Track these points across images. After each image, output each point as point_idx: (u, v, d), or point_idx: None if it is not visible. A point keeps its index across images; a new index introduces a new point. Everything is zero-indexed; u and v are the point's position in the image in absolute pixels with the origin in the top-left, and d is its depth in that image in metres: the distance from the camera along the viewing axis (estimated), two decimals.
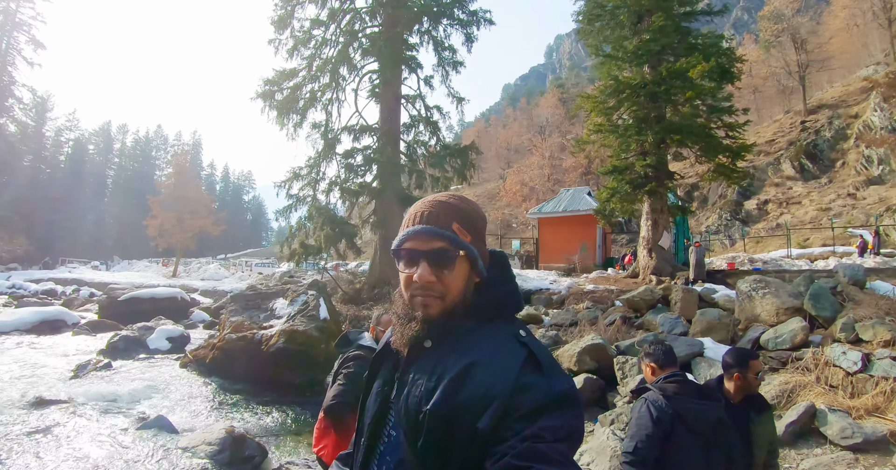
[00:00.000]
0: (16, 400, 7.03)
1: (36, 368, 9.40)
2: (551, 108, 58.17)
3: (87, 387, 7.91)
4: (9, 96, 46.76)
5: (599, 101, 14.24)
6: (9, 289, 30.99)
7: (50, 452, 5.04)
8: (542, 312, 11.57)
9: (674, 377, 2.47)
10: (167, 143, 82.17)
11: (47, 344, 12.35)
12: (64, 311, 16.75)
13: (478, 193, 62.13)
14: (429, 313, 1.02)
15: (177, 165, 47.48)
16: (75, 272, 41.13)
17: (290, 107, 18.83)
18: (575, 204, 22.08)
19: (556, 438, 0.87)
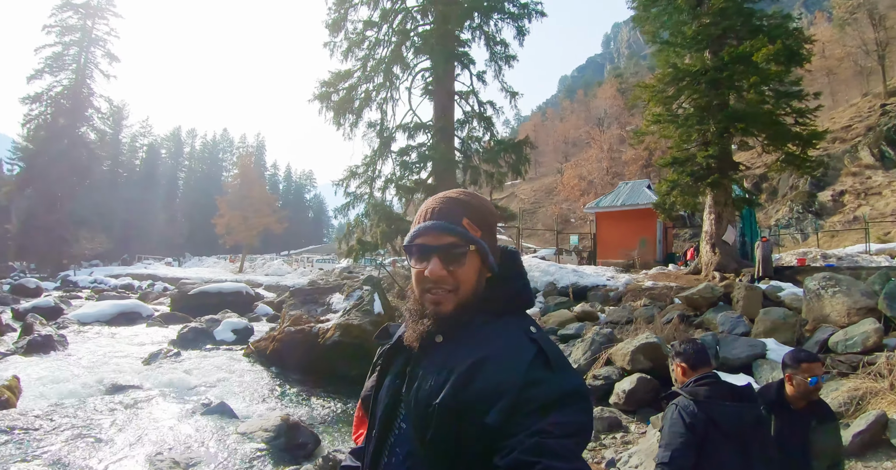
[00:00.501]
0: (95, 385, 7.62)
1: (113, 357, 10.12)
2: (609, 100, 56.55)
3: (157, 374, 8.45)
4: (88, 107, 50.09)
5: (658, 91, 13.72)
6: (91, 283, 33.45)
7: (123, 433, 5.44)
8: (598, 309, 11.34)
9: (705, 379, 2.35)
10: (233, 146, 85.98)
11: (124, 334, 13.23)
12: (139, 304, 17.84)
13: (535, 188, 61.46)
14: (440, 309, 1.03)
15: (242, 166, 49.49)
16: (150, 268, 43.70)
17: (345, 107, 19.23)
18: (634, 198, 21.46)
19: (564, 434, 0.87)
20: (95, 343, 11.74)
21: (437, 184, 18.10)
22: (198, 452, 4.87)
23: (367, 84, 19.33)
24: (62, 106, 48.28)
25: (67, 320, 14.71)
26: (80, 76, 48.81)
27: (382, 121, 19.58)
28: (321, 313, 11.10)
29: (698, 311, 9.50)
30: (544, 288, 14.12)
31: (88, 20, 49.24)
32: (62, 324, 14.04)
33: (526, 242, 43.56)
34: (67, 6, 48.73)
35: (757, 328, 7.92)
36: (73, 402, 6.58)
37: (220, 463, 4.61)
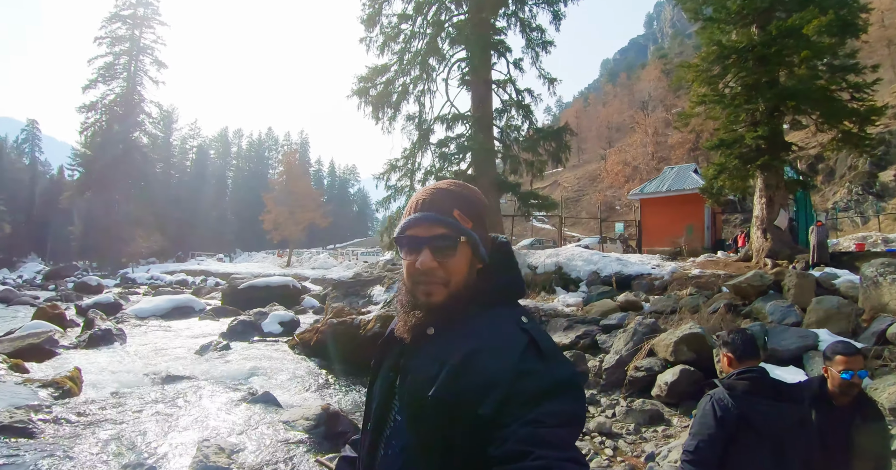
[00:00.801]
0: (150, 375, 8.00)
1: (167, 349, 10.58)
2: (654, 82, 54.91)
3: (207, 365, 8.82)
4: (140, 113, 52.92)
5: (702, 70, 13.15)
6: (148, 280, 35.07)
7: (173, 420, 5.71)
8: (643, 299, 11.04)
9: (748, 373, 2.22)
10: (277, 144, 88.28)
11: (178, 327, 13.81)
12: (192, 298, 18.57)
13: (578, 176, 60.45)
14: (432, 300, 1.03)
15: (286, 164, 50.69)
16: (203, 264, 45.46)
17: (384, 101, 19.36)
18: (680, 183, 20.80)
19: (557, 424, 0.87)
20: (151, 336, 12.30)
21: (476, 174, 18.03)
22: (242, 439, 5.05)
23: (403, 77, 19.40)
24: (116, 113, 50.88)
25: (126, 315, 15.41)
26: (130, 84, 51.46)
27: (420, 113, 19.65)
28: (363, 305, 11.27)
29: (747, 300, 9.05)
30: (587, 277, 13.89)
31: (136, 30, 51.87)
32: (121, 318, 14.73)
33: (570, 231, 43.02)
34: (116, 18, 51.45)
35: (809, 318, 7.49)
36: (129, 391, 6.93)
37: (262, 450, 4.76)
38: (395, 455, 1.02)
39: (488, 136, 18.41)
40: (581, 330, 9.19)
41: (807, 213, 14.95)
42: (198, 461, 4.24)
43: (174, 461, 4.59)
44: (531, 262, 15.80)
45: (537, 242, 30.78)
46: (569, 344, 8.78)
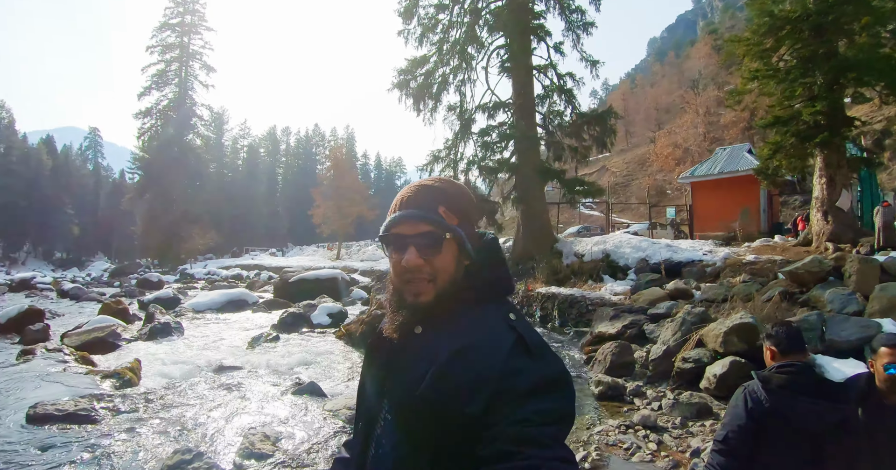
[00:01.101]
0: (204, 366, 8.34)
1: (221, 340, 10.98)
2: (704, 59, 52.53)
3: (258, 356, 9.09)
4: (192, 116, 55.23)
5: (753, 44, 12.47)
6: (205, 275, 36.54)
7: (223, 408, 5.96)
8: (693, 287, 10.68)
9: (789, 367, 2.10)
10: (324, 140, 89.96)
11: (232, 320, 14.30)
12: (245, 292, 19.17)
13: (627, 160, 58.88)
14: (419, 299, 1.01)
15: (333, 159, 51.59)
16: (256, 259, 46.94)
17: (424, 93, 19.40)
18: (732, 164, 19.93)
19: (545, 422, 0.86)
20: (207, 329, 12.79)
21: (519, 162, 17.86)
22: (287, 427, 5.22)
23: (443, 68, 19.36)
24: (170, 117, 53.35)
25: (183, 309, 16.07)
26: (182, 89, 53.77)
27: (461, 103, 19.58)
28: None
29: (804, 287, 8.53)
30: (635, 265, 13.57)
31: (185, 37, 54.05)
32: (179, 312, 15.36)
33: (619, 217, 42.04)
34: (165, 26, 53.71)
35: (872, 306, 7.02)
36: (184, 381, 7.26)
37: (306, 438, 4.90)
38: (385, 454, 1.01)
39: (530, 123, 18.17)
40: (628, 319, 8.98)
41: (872, 193, 14.06)
42: (244, 448, 4.41)
43: (222, 447, 4.80)
44: (577, 250, 15.55)
45: (584, 230, 30.25)
46: (615, 334, 8.59)
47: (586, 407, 5.89)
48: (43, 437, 5.03)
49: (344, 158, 53.24)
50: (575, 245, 16.13)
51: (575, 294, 12.37)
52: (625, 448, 4.59)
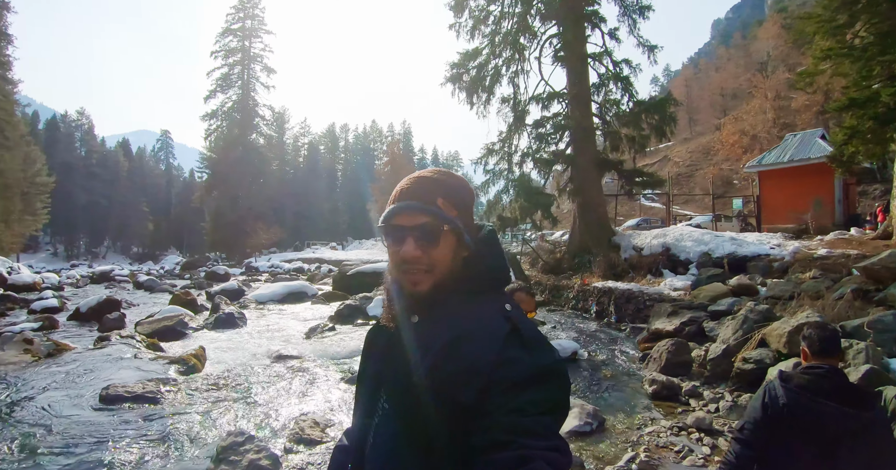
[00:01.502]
0: (263, 354, 8.73)
1: (281, 331, 11.41)
2: (773, 39, 49.12)
3: (314, 346, 9.41)
4: (255, 116, 57.64)
5: (825, 20, 11.56)
6: (269, 268, 37.97)
7: (278, 395, 6.25)
8: (758, 283, 10.11)
9: (815, 369, 2.11)
10: (382, 135, 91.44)
11: (291, 311, 14.81)
12: (305, 284, 19.75)
13: (690, 149, 56.46)
14: (417, 289, 1.02)
15: (390, 154, 52.44)
16: (318, 252, 48.32)
17: (477, 86, 19.26)
18: (803, 151, 18.70)
19: (539, 412, 0.87)
20: (268, 319, 13.31)
21: (575, 153, 17.48)
22: (336, 414, 5.39)
23: (495, 60, 19.15)
24: (234, 118, 56.06)
25: (247, 300, 16.79)
26: (245, 91, 56.28)
27: (515, 95, 19.34)
28: None
29: (881, 284, 7.76)
30: (697, 259, 13.00)
31: (246, 41, 56.62)
32: (243, 303, 16.04)
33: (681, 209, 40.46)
34: (227, 32, 56.46)
35: None
36: (244, 368, 7.62)
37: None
38: (383, 443, 1.02)
39: (586, 113, 17.71)
40: (686, 316, 8.62)
41: None
42: (294, 433, 4.61)
43: (274, 432, 5.02)
44: (636, 243, 15.07)
45: (644, 222, 29.30)
46: (672, 331, 8.27)
47: (638, 406, 5.70)
48: (113, 415, 5.49)
49: (401, 153, 53.95)
50: (633, 238, 15.64)
51: (632, 289, 12.01)
52: (676, 451, 4.40)
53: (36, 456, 4.54)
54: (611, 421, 5.14)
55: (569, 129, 17.74)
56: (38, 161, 43.63)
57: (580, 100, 17.62)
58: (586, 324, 11.52)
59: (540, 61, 18.83)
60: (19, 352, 8.04)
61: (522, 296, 2.90)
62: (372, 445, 1.06)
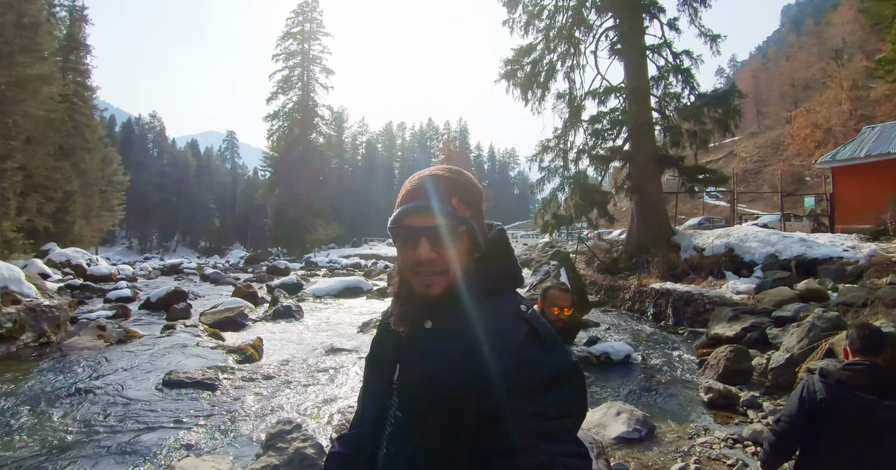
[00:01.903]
0: (317, 346, 9.07)
1: (335, 324, 11.78)
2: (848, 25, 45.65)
3: (366, 339, 9.58)
4: (314, 116, 59.62)
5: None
6: (327, 263, 38.98)
7: (328, 386, 6.49)
8: (828, 287, 9.48)
9: (856, 365, 2.18)
10: (438, 133, 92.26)
11: (347, 306, 15.21)
12: (360, 280, 20.18)
13: (758, 144, 53.73)
14: (430, 291, 0.99)
15: (447, 152, 52.68)
16: (374, 249, 49.26)
17: (532, 81, 19.01)
18: (883, 145, 17.36)
19: (559, 415, 0.87)
20: (324, 313, 13.73)
21: (633, 150, 16.98)
22: None
23: (550, 55, 18.85)
24: (295, 118, 58.33)
25: (305, 294, 17.33)
26: (305, 92, 58.39)
27: (570, 90, 18.98)
28: None
29: None
30: (763, 261, 12.36)
31: (305, 44, 58.59)
32: (301, 297, 16.57)
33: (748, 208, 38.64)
34: (287, 35, 58.68)
35: None
36: (298, 359, 7.93)
37: None
38: (399, 453, 0.99)
39: (644, 108, 17.16)
40: (748, 321, 8.20)
41: None
42: (340, 424, 4.77)
43: (320, 421, 5.22)
44: (697, 243, 14.48)
45: (706, 221, 28.15)
46: (732, 337, 7.89)
47: (692, 414, 5.47)
48: (173, 399, 5.87)
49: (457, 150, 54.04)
50: (694, 238, 15.03)
51: (692, 291, 11.55)
52: (728, 464, 4.17)
53: (100, 433, 4.92)
54: (661, 429, 4.96)
55: (626, 125, 17.23)
56: (114, 161, 46.50)
57: (638, 94, 17.08)
58: (642, 326, 11.19)
59: (596, 55, 18.39)
60: (93, 337, 8.65)
61: (556, 293, 2.88)
62: (386, 456, 1.02)
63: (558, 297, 2.88)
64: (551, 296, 2.90)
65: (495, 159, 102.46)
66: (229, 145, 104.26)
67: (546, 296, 2.91)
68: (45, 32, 25.86)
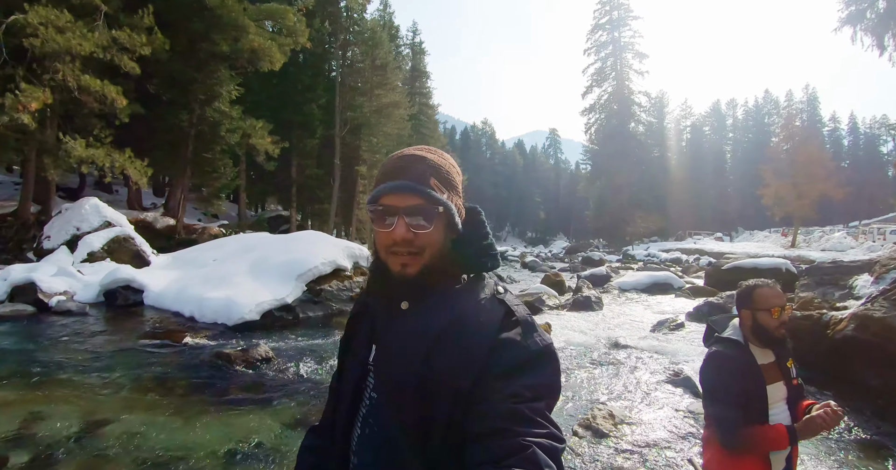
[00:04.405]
0: (602, 339, 8.91)
1: (631, 319, 11.39)
2: None
3: (655, 340, 8.99)
4: (631, 105, 58.96)
5: None
6: (645, 257, 37.82)
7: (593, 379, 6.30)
8: None
9: None
10: (778, 107, 76.98)
11: (650, 302, 14.51)
12: (671, 276, 18.93)
13: None
14: (406, 272, 0.99)
15: (787, 129, 44.68)
16: (699, 243, 45.30)
17: (889, 21, 14.73)
18: None
19: (534, 397, 0.88)
20: (622, 307, 13.41)
21: None
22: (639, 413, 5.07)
23: None
24: (611, 109, 59.02)
25: (610, 287, 17.24)
26: (619, 81, 58.38)
27: None
28: (839, 298, 9.10)
29: None
30: None
31: (615, 32, 58.44)
32: (606, 289, 16.55)
33: None
34: (596, 28, 59.54)
35: None
36: (578, 349, 8.00)
37: (651, 430, 4.65)
38: (374, 434, 1.01)
39: None
40: None
41: None
42: (585, 419, 4.60)
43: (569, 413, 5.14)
44: None
45: None
46: None
47: None
48: None
49: (801, 126, 45.39)
50: None
51: None
52: None
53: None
54: None
55: None
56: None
57: None
58: None
59: None
60: None
61: (769, 291, 2.18)
62: (360, 437, 1.04)
63: (774, 295, 2.16)
64: (763, 296, 2.16)
65: (858, 132, 78.11)
66: (552, 142, 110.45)
67: (753, 297, 2.19)
68: (393, 68, 34.33)
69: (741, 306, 2.23)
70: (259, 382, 5.90)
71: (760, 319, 2.13)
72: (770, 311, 2.12)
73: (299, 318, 9.53)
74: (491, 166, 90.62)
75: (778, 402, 2.09)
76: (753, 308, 2.16)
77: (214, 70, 19.04)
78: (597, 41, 59.23)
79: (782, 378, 2.13)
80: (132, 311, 9.90)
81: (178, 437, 4.25)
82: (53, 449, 3.94)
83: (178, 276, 11.22)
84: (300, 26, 19.73)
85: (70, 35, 11.74)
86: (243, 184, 26.50)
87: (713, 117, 79.16)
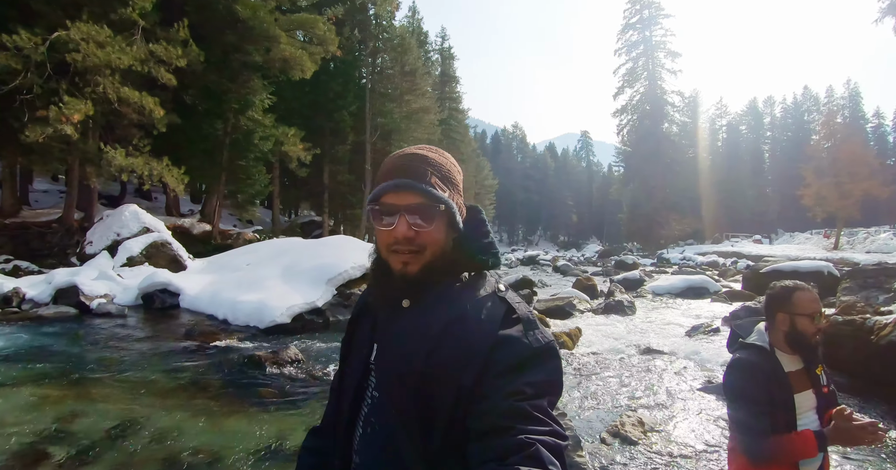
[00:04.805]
0: (633, 344, 8.72)
1: (664, 324, 11.11)
2: None
3: (689, 345, 8.70)
4: (664, 105, 57.62)
5: None
6: (680, 261, 36.94)
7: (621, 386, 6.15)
8: None
9: None
10: (818, 104, 73.98)
11: (684, 307, 14.14)
12: (706, 279, 18.46)
13: None
14: (407, 271, 1.00)
15: (827, 126, 43.23)
16: (736, 246, 44.15)
17: None
18: None
19: (536, 394, 0.88)
20: (656, 312, 13.09)
21: None
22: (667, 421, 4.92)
23: None
24: (644, 110, 57.88)
25: (643, 290, 16.92)
26: (651, 81, 57.33)
27: None
28: (884, 302, 8.71)
29: None
30: None
31: (646, 31, 57.49)
32: (638, 293, 16.26)
33: None
34: (627, 28, 58.67)
35: None
36: (608, 354, 7.86)
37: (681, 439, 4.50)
38: (376, 433, 1.02)
39: None
40: None
41: None
42: (613, 426, 4.48)
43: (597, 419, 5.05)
44: None
45: None
46: None
47: None
48: None
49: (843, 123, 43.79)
50: None
51: None
52: None
53: None
54: None
55: None
56: (485, 168, 55.07)
57: None
58: None
59: None
60: None
61: (807, 294, 2.05)
62: (362, 436, 1.04)
63: (814, 300, 2.01)
64: (803, 300, 2.00)
65: None
66: (584, 144, 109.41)
67: (793, 301, 2.02)
68: (423, 74, 35.12)
69: (777, 309, 2.06)
70: (288, 383, 5.98)
71: (799, 325, 1.98)
72: (811, 316, 1.98)
73: (329, 321, 9.64)
74: (522, 170, 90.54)
75: (807, 411, 1.97)
76: (792, 312, 2.00)
77: (247, 80, 19.58)
78: (627, 41, 58.39)
79: (811, 386, 2.00)
80: (168, 313, 10.17)
81: (209, 436, 4.34)
82: (90, 445, 4.07)
83: (212, 280, 11.50)
84: (330, 35, 20.11)
85: (110, 49, 12.25)
86: (277, 190, 27.02)
87: (750, 116, 76.86)
